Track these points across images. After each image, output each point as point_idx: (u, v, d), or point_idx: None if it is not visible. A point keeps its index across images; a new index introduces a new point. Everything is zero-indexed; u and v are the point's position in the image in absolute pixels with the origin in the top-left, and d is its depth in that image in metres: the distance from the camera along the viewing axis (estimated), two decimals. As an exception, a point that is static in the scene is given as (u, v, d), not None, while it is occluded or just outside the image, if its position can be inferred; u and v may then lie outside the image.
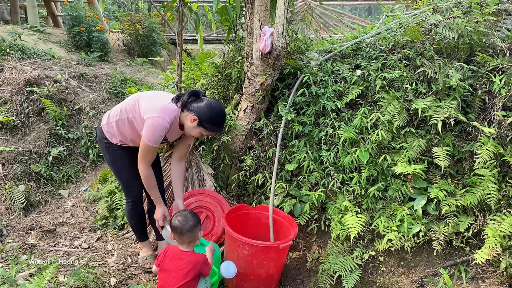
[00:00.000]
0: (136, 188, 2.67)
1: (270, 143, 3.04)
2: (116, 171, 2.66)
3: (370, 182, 2.67)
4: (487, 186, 2.34)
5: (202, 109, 2.29)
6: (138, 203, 2.73)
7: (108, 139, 2.53)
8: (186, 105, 2.33)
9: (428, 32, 2.90)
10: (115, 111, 2.51)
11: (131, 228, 2.92)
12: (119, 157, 2.58)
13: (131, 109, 2.41)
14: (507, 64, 2.53)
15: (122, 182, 2.71)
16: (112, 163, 2.62)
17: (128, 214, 2.77)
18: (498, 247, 2.19)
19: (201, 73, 3.71)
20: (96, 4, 8.49)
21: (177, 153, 2.66)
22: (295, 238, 2.85)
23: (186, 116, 2.34)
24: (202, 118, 2.29)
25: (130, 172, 2.60)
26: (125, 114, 2.43)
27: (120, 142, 2.53)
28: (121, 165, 2.61)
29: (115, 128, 2.48)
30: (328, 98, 2.84)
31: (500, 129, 2.47)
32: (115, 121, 2.47)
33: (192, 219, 2.19)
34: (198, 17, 3.86)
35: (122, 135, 2.50)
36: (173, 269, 2.09)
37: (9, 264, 2.72)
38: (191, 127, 2.35)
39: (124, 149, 2.57)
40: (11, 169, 3.92)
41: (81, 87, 5.12)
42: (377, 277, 2.56)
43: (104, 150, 2.59)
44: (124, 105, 2.47)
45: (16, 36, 6.08)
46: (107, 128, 2.52)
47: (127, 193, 2.71)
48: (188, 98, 2.33)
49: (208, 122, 2.30)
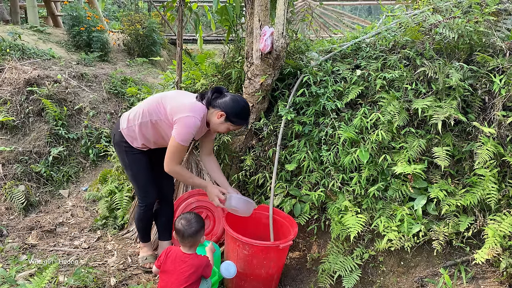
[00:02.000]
0: (152, 194, 2.65)
1: (270, 143, 3.04)
2: (133, 175, 2.62)
3: (370, 182, 2.66)
4: (487, 186, 2.34)
5: (228, 104, 2.32)
6: (150, 208, 2.71)
7: (128, 142, 2.50)
8: (211, 102, 2.36)
9: (428, 32, 2.90)
10: (135, 113, 2.47)
11: (137, 229, 2.89)
12: (138, 161, 2.56)
13: (155, 110, 2.39)
14: (507, 64, 2.53)
15: (137, 186, 2.66)
16: (130, 166, 2.58)
17: (138, 217, 2.74)
18: (498, 247, 2.19)
19: (201, 73, 3.71)
20: (96, 4, 8.49)
21: (205, 149, 2.68)
22: (295, 238, 2.85)
23: (212, 113, 2.37)
24: (229, 113, 2.33)
25: (147, 176, 2.59)
26: (148, 116, 2.40)
27: (142, 145, 2.51)
28: (138, 169, 2.58)
29: (137, 131, 2.45)
30: (328, 98, 2.84)
31: (500, 129, 2.47)
32: (137, 124, 2.44)
33: (195, 224, 2.18)
34: (198, 17, 3.86)
35: (145, 138, 2.48)
36: (175, 271, 2.08)
37: (9, 264, 2.72)
38: (218, 123, 2.37)
39: (143, 153, 2.56)
40: (11, 169, 3.92)
41: (81, 87, 5.13)
42: (377, 277, 2.56)
43: (123, 153, 2.55)
44: (145, 107, 2.43)
45: (16, 36, 6.08)
46: (127, 131, 2.49)
47: (142, 197, 2.67)
48: (212, 95, 2.36)
49: (235, 116, 2.34)
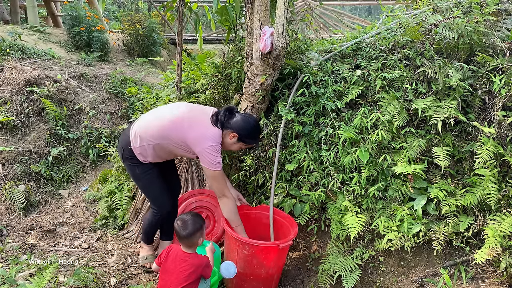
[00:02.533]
0: (168, 202, 2.63)
1: (270, 143, 3.04)
2: (145, 186, 2.60)
3: (370, 182, 2.66)
4: (487, 186, 2.34)
5: (240, 125, 2.39)
6: (164, 218, 2.66)
7: (138, 159, 2.47)
8: (224, 124, 2.39)
9: (428, 32, 2.90)
10: (150, 133, 2.39)
11: (144, 231, 2.80)
12: (150, 172, 2.53)
13: (175, 138, 2.36)
14: (507, 64, 2.53)
15: (152, 197, 2.63)
16: (141, 178, 2.55)
17: (149, 223, 2.71)
18: (498, 247, 2.19)
19: (201, 73, 3.71)
20: (96, 4, 8.50)
21: None
22: (295, 238, 2.85)
23: (226, 134, 2.42)
24: (242, 134, 2.40)
25: (161, 186, 2.58)
26: (166, 140, 2.37)
27: (153, 161, 2.50)
28: (152, 180, 2.55)
29: (150, 152, 2.43)
30: (328, 98, 2.84)
31: (500, 129, 2.47)
32: (151, 145, 2.41)
33: (191, 226, 2.14)
34: (198, 17, 3.86)
35: (158, 156, 2.48)
36: (175, 270, 2.08)
37: (9, 264, 2.72)
38: (231, 143, 2.44)
39: (154, 164, 2.54)
40: (11, 169, 3.92)
41: (81, 87, 5.13)
42: (377, 277, 2.56)
43: (133, 167, 2.52)
44: (164, 132, 2.37)
45: (16, 36, 6.08)
46: (140, 150, 2.44)
47: (157, 207, 2.63)
48: (225, 116, 2.40)
49: (247, 137, 2.43)
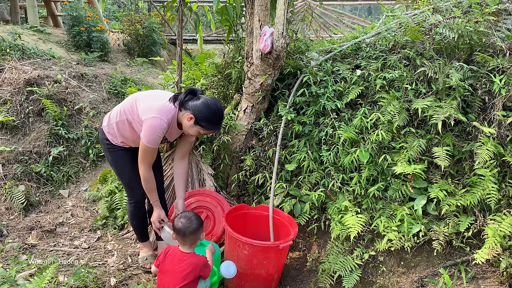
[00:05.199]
0: (139, 189, 2.65)
1: (270, 143, 3.04)
2: (118, 172, 2.66)
3: (370, 182, 2.66)
4: (487, 186, 2.34)
5: (198, 107, 2.25)
6: (140, 204, 2.72)
7: (109, 140, 2.53)
8: (183, 104, 2.30)
9: (428, 32, 2.90)
10: (115, 112, 2.51)
11: (133, 228, 2.91)
12: (121, 157, 2.58)
13: (129, 110, 2.41)
14: (507, 64, 2.53)
15: (124, 183, 2.70)
16: (114, 164, 2.62)
17: (130, 215, 2.77)
18: (498, 247, 2.19)
19: (201, 73, 3.71)
20: (96, 4, 8.49)
21: (179, 152, 2.66)
22: (295, 238, 2.85)
23: (183, 115, 2.31)
24: (198, 117, 2.26)
25: (132, 173, 2.59)
26: (124, 115, 2.43)
27: (121, 143, 2.53)
28: (123, 166, 2.61)
29: (115, 130, 2.49)
30: (328, 98, 2.84)
31: (500, 129, 2.47)
32: (115, 123, 2.47)
33: (195, 221, 2.19)
34: (198, 17, 3.86)
35: (123, 136, 2.50)
36: (173, 270, 2.08)
37: (9, 264, 2.72)
38: (188, 126, 2.32)
39: (125, 150, 2.57)
40: (11, 169, 3.92)
41: (81, 87, 5.12)
42: (377, 277, 2.56)
43: (106, 151, 2.60)
44: (123, 106, 2.46)
45: (16, 36, 6.07)
46: (108, 129, 2.53)
47: (130, 193, 2.70)
48: (185, 97, 2.30)
49: (204, 120, 2.27)
